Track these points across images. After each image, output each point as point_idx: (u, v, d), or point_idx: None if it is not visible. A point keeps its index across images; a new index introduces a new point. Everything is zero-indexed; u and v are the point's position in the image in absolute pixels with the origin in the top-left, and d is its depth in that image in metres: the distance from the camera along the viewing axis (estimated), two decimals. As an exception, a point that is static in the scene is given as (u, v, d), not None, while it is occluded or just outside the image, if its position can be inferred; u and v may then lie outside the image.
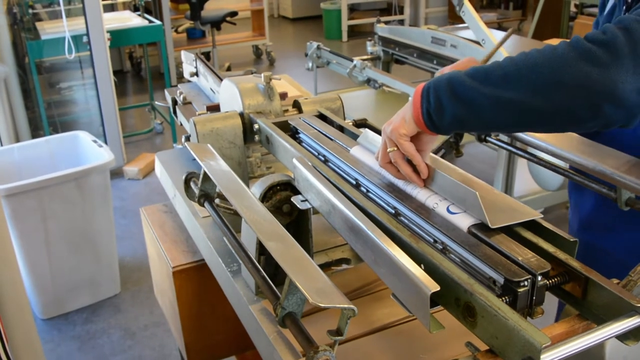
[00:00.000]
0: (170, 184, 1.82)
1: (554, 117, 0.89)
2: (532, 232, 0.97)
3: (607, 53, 0.85)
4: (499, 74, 0.91)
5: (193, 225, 1.62)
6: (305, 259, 0.95)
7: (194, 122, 1.54)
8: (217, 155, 1.33)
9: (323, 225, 1.48)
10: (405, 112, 1.03)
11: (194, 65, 2.36)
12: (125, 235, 3.54)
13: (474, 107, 0.93)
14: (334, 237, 1.50)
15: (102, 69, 4.06)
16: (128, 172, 4.32)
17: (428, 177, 1.06)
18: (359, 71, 3.49)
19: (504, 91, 0.90)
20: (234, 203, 1.13)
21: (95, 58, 4.01)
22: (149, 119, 5.25)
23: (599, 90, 0.85)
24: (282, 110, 1.63)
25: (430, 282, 0.85)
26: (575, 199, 1.48)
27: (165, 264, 1.68)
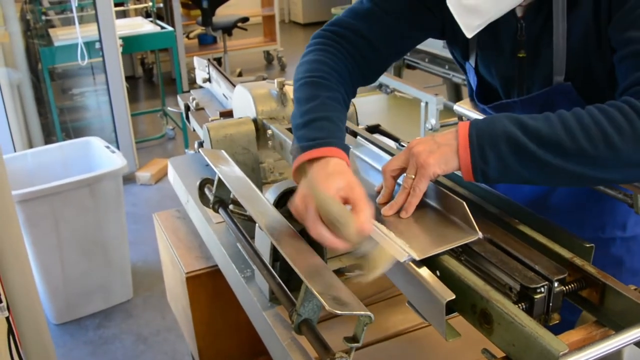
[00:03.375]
0: (183, 190, 1.83)
1: (623, 182, 0.97)
2: (548, 237, 0.97)
3: None
4: (571, 147, 0.92)
5: (206, 231, 1.62)
6: (321, 265, 0.95)
7: (207, 128, 1.55)
8: (231, 161, 1.33)
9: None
10: (448, 154, 0.98)
11: (206, 71, 2.37)
12: (137, 240, 3.55)
13: (542, 174, 0.95)
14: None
15: (115, 75, 4.08)
16: (140, 177, 4.34)
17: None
18: (370, 76, 3.49)
19: (576, 166, 0.92)
20: (248, 209, 1.14)
21: (107, 64, 4.04)
22: (160, 124, 5.27)
23: None
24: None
25: (446, 290, 0.85)
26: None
27: (179, 270, 1.68)
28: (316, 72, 1.19)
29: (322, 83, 1.17)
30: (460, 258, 0.95)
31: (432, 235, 0.99)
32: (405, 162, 1.05)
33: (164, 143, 5.11)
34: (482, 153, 0.95)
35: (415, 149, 1.02)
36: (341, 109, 1.17)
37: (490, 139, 0.95)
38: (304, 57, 1.25)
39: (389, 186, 1.08)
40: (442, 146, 1.00)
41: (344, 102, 1.20)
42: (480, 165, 0.96)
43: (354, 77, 1.25)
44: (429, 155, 1.00)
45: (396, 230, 1.00)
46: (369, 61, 1.26)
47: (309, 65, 1.21)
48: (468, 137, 0.97)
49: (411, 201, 1.03)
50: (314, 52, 1.25)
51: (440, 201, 1.05)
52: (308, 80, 1.18)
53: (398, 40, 1.26)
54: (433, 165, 0.99)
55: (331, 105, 1.14)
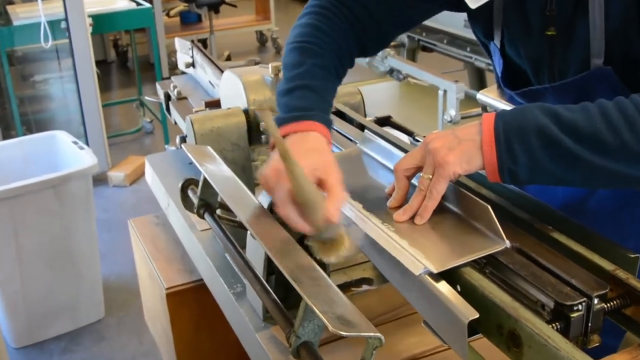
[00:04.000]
0: (162, 192, 1.83)
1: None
2: (587, 246, 0.97)
3: None
4: (613, 142, 0.92)
5: (190, 239, 1.62)
6: (323, 279, 0.96)
7: (191, 120, 1.55)
8: (219, 159, 1.34)
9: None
10: (470, 151, 0.99)
11: (189, 54, 2.37)
12: (110, 251, 3.55)
13: (579, 174, 0.95)
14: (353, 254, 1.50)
15: (83, 60, 4.09)
16: (113, 178, 4.35)
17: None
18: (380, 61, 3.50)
19: (619, 164, 0.93)
20: (238, 213, 1.14)
21: (75, 47, 4.04)
22: (137, 116, 5.28)
23: None
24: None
25: (468, 308, 0.85)
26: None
27: (158, 285, 1.68)
28: (307, 37, 1.23)
29: (311, 49, 1.21)
30: (485, 271, 0.95)
31: (452, 244, 0.99)
32: (421, 160, 1.05)
33: (140, 138, 5.11)
34: (509, 149, 0.95)
35: (432, 144, 1.02)
36: (329, 78, 1.21)
37: (519, 132, 0.95)
38: (298, 21, 1.29)
39: (402, 188, 1.08)
40: (463, 141, 0.99)
41: (335, 71, 1.23)
42: (507, 163, 0.96)
43: (351, 45, 1.28)
44: (449, 152, 0.99)
45: (410, 238, 1.00)
46: (368, 31, 1.28)
47: (302, 29, 1.25)
48: (494, 130, 0.97)
49: (427, 205, 1.03)
50: (309, 15, 1.28)
51: (462, 205, 1.05)
52: (297, 45, 1.23)
53: (405, 10, 1.27)
54: (453, 164, 0.99)
55: (317, 73, 1.18)
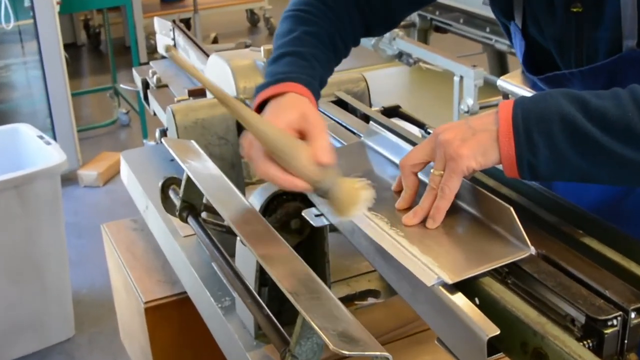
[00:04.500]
0: (140, 193, 1.83)
1: None
2: (623, 253, 0.97)
3: None
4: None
5: (172, 246, 1.62)
6: (323, 291, 0.96)
7: (172, 111, 1.55)
8: (204, 155, 1.34)
9: (343, 247, 1.48)
10: (486, 142, 0.99)
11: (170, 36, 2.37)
12: (80, 260, 3.55)
13: (608, 169, 0.96)
14: (357, 263, 1.50)
15: (50, 42, 4.08)
16: (84, 177, 4.35)
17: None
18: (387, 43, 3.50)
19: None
20: (226, 217, 1.14)
21: (40, 28, 4.04)
22: (111, 107, 5.28)
23: None
24: (288, 94, 1.64)
25: (488, 323, 0.85)
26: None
27: (135, 299, 1.68)
28: (303, 6, 1.28)
29: (304, 17, 1.26)
30: (507, 281, 0.95)
31: (469, 251, 0.99)
32: (430, 153, 1.05)
33: (115, 132, 5.12)
34: (529, 140, 0.95)
35: (443, 136, 1.01)
36: (319, 46, 1.24)
37: (540, 122, 0.95)
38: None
39: (411, 186, 1.08)
40: (478, 132, 0.99)
41: (330, 42, 1.27)
42: (527, 156, 0.96)
43: (354, 20, 1.31)
44: (462, 145, 0.99)
45: (421, 244, 1.00)
46: (374, 7, 1.31)
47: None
48: (512, 119, 0.96)
49: (439, 206, 1.03)
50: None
51: (480, 206, 1.05)
52: (291, 14, 1.28)
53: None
54: (467, 158, 0.99)
55: (307, 41, 1.23)
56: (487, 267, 0.94)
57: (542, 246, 0.99)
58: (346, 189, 1.05)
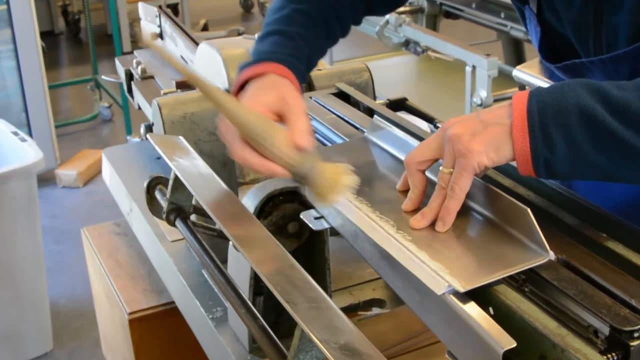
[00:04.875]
0: (124, 194, 1.83)
1: None
2: (650, 259, 0.97)
3: None
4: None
5: (158, 252, 1.62)
6: (323, 300, 0.95)
7: (158, 104, 1.55)
8: (193, 152, 1.34)
9: (345, 252, 1.49)
10: (498, 137, 0.99)
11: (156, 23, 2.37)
12: (59, 267, 3.55)
13: (631, 166, 0.96)
14: (360, 269, 1.50)
15: (25, 30, 4.08)
16: (63, 177, 4.35)
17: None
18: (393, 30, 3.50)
19: None
20: (218, 220, 1.14)
21: (14, 14, 4.04)
22: (92, 100, 5.28)
23: None
24: (285, 86, 1.64)
25: (503, 335, 0.85)
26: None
27: (119, 309, 1.68)
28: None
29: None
30: (524, 289, 0.95)
31: (483, 256, 0.99)
32: (438, 149, 1.05)
33: (96, 127, 5.12)
34: (545, 135, 0.95)
35: (451, 130, 1.01)
36: (309, 25, 1.28)
37: (557, 114, 0.95)
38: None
39: (418, 185, 1.08)
40: (490, 126, 0.99)
41: (321, 19, 1.31)
42: (543, 152, 0.96)
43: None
44: (472, 139, 0.99)
45: (430, 249, 1.00)
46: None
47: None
48: (527, 112, 0.97)
49: (449, 206, 1.03)
50: None
51: (493, 207, 1.05)
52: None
53: None
54: (478, 153, 0.99)
55: (296, 19, 1.27)
56: (502, 274, 0.94)
57: (562, 251, 0.99)
58: (326, 174, 1.08)
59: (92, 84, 5.26)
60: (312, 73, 1.67)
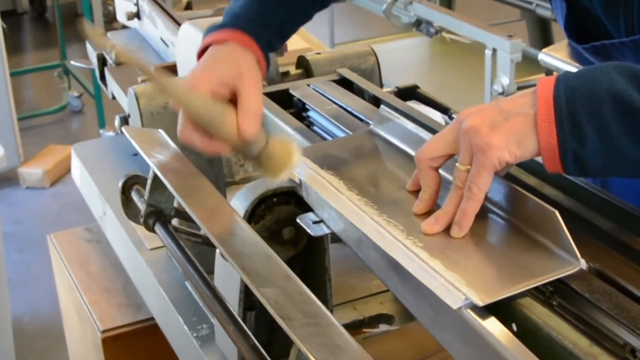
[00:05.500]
0: (96, 196, 1.83)
1: None
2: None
3: None
4: None
5: (135, 262, 1.62)
6: (323, 315, 0.96)
7: (135, 93, 1.55)
8: (175, 148, 1.34)
9: (348, 261, 1.49)
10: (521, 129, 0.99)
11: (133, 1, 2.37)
12: (23, 279, 3.56)
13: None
14: (365, 281, 1.50)
15: (-16, 9, 4.08)
16: (27, 176, 4.35)
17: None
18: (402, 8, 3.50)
19: None
20: (203, 224, 1.14)
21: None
22: (59, 89, 5.28)
23: None
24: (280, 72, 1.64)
25: (527, 354, 0.85)
26: None
27: (91, 327, 1.68)
28: None
29: None
30: (551, 302, 0.96)
31: (504, 265, 0.99)
32: (453, 144, 1.05)
33: (65, 119, 5.12)
34: (575, 125, 0.95)
35: (468, 122, 1.01)
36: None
37: (588, 102, 0.95)
38: None
39: (430, 185, 1.08)
40: (512, 117, 0.99)
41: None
42: (572, 145, 0.96)
43: None
44: (491, 132, 0.99)
45: (444, 257, 1.00)
46: None
47: None
48: (553, 100, 0.97)
49: (467, 209, 1.03)
50: None
51: (516, 209, 1.05)
52: None
53: None
54: (498, 148, 0.99)
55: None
56: (527, 286, 0.94)
57: (594, 259, 0.99)
58: (277, 152, 1.18)
59: (59, 70, 5.26)
60: (311, 57, 1.67)
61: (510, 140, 0.98)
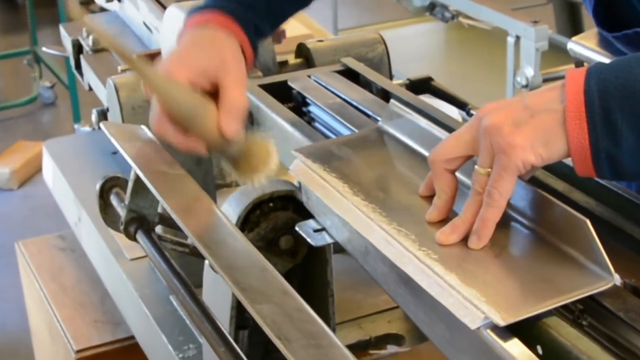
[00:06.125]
0: (71, 199, 1.83)
1: None
2: None
3: None
4: None
5: (114, 274, 1.62)
6: (325, 335, 0.96)
7: (115, 84, 1.55)
8: (160, 146, 1.34)
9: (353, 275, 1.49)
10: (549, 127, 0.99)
11: (113, -19, 2.38)
12: (-13, 292, 3.56)
13: None
14: (372, 296, 1.50)
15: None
16: (-8, 176, 4.35)
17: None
18: (415, -11, 3.50)
19: None
20: (190, 233, 1.14)
21: None
22: (29, 78, 5.29)
23: None
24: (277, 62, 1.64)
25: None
26: None
27: (63, 346, 1.68)
28: None
29: None
30: (581, 322, 0.96)
31: (529, 280, 0.99)
32: (473, 144, 1.05)
33: (35, 113, 5.12)
34: (608, 123, 0.95)
35: (489, 119, 1.02)
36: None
37: (623, 97, 0.95)
38: None
39: (446, 190, 1.08)
40: (538, 114, 0.99)
41: None
42: (605, 145, 0.96)
43: None
44: (515, 131, 0.99)
45: (462, 271, 1.00)
46: None
47: None
48: (584, 94, 0.97)
49: (487, 216, 1.03)
50: None
51: (543, 217, 1.05)
52: None
53: None
54: (523, 149, 0.99)
55: None
56: (554, 303, 0.95)
57: (630, 274, 0.99)
58: (254, 151, 1.21)
59: (29, 57, 5.27)
60: (312, 45, 1.67)
61: (536, 140, 0.98)
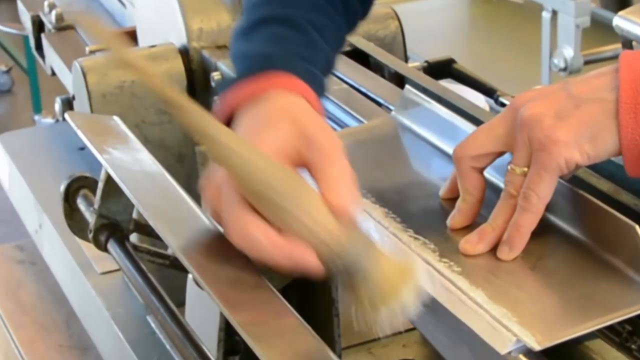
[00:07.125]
0: (30, 202, 1.84)
1: None
2: None
3: None
4: None
5: (82, 290, 1.63)
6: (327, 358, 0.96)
7: (82, 68, 1.56)
8: (135, 141, 1.34)
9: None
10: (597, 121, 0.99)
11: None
12: None
13: None
14: (384, 316, 1.51)
15: None
16: (-62, 176, 4.36)
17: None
18: (433, -43, 3.52)
19: None
20: (171, 241, 1.14)
21: None
22: (-19, 62, 5.30)
23: None
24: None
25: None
26: None
27: (22, 375, 1.69)
28: None
29: None
30: (629, 346, 0.96)
31: (568, 297, 1.00)
32: (505, 138, 1.06)
33: (-12, 102, 5.13)
34: None
35: (527, 110, 1.02)
36: (321, 4, 1.18)
37: None
38: None
39: (473, 190, 1.09)
40: (584, 103, 1.00)
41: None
42: None
43: None
44: (557, 124, 0.99)
45: (490, 286, 1.00)
46: None
47: None
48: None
49: (521, 223, 1.03)
50: None
51: (586, 223, 1.06)
52: None
53: None
54: (566, 145, 0.99)
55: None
56: (598, 324, 0.95)
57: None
58: (386, 267, 0.96)
59: (-18, 37, 5.29)
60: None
61: (582, 135, 0.98)
